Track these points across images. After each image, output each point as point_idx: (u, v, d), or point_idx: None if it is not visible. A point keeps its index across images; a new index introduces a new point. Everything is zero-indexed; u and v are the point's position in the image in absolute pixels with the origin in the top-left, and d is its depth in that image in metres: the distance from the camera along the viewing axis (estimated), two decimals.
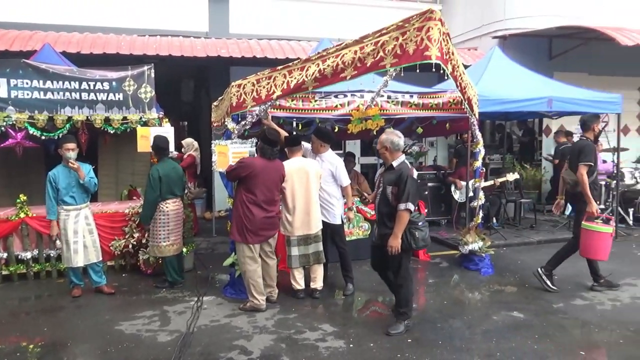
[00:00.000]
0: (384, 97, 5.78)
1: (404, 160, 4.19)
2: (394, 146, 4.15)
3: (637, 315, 4.60)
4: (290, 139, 5.22)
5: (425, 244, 4.22)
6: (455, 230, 7.64)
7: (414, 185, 4.05)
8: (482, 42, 10.83)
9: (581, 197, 5.24)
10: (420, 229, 4.10)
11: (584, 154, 5.21)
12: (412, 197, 4.00)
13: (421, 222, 4.14)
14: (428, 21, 3.99)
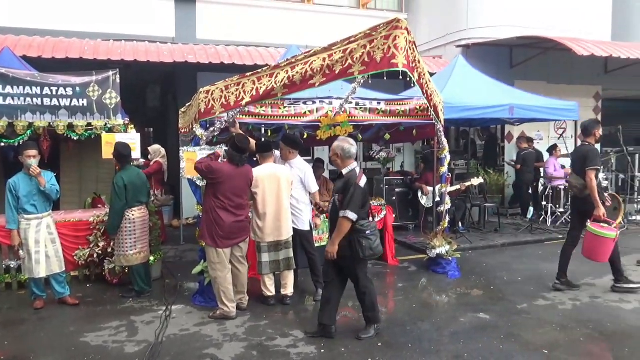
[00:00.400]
0: (352, 104, 5.86)
1: (354, 168, 4.11)
2: (345, 153, 4.09)
3: (596, 314, 4.79)
4: (261, 145, 5.23)
5: (373, 253, 4.06)
6: (422, 235, 7.77)
7: (358, 194, 3.95)
8: (447, 50, 11.11)
9: (588, 201, 5.34)
10: (367, 238, 3.99)
11: (589, 159, 5.32)
12: (354, 205, 3.91)
13: (369, 231, 4.02)
14: (395, 30, 4.08)
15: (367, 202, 4.13)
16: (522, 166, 9.79)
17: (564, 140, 9.64)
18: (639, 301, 5.12)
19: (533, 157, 9.81)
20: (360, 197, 3.97)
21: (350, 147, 4.11)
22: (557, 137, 10.30)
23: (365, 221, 4.04)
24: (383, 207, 6.86)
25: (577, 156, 5.61)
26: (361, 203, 3.99)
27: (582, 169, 5.38)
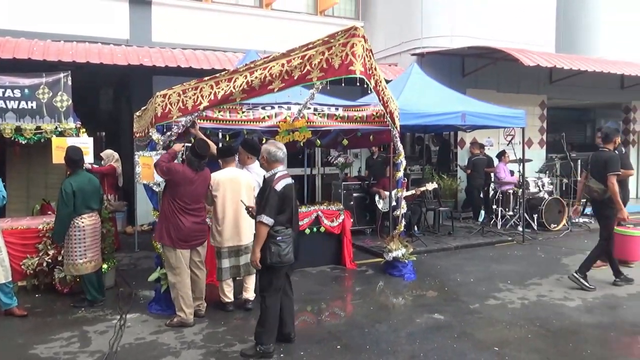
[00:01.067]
0: (310, 109, 5.92)
1: (277, 172, 3.98)
2: (271, 157, 4.01)
3: (542, 312, 5.03)
4: (223, 150, 5.19)
5: (280, 261, 3.86)
6: (379, 239, 7.91)
7: (273, 198, 3.82)
8: (402, 58, 11.38)
9: (609, 204, 5.59)
10: (277, 244, 3.84)
11: (610, 164, 5.57)
12: (269, 209, 3.80)
13: (280, 237, 3.85)
14: (352, 37, 4.17)
15: (287, 208, 3.93)
16: (472, 171, 10.15)
17: (513, 146, 10.06)
18: (581, 299, 5.42)
19: (484, 163, 10.19)
20: (277, 202, 3.84)
21: (277, 151, 4.02)
22: (506, 143, 10.73)
23: (281, 227, 3.88)
24: (341, 212, 6.95)
25: (597, 162, 5.82)
26: (278, 208, 3.85)
27: (602, 174, 5.62)
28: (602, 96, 13.20)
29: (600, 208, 5.83)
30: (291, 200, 3.97)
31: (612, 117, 15.22)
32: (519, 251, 7.90)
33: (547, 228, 9.30)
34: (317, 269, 6.76)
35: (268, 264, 3.89)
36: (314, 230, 6.74)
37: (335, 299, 5.70)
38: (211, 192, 4.90)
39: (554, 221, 9.41)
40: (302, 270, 6.60)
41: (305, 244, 6.59)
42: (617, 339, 4.34)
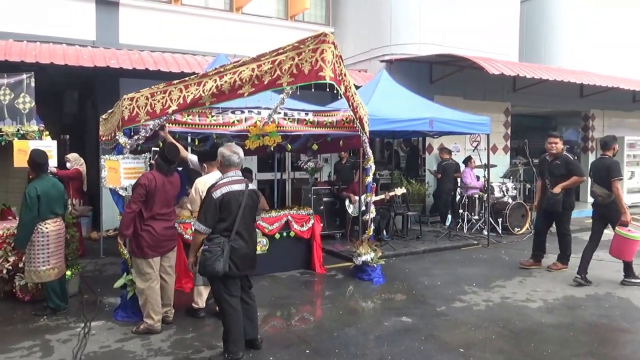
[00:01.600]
0: (280, 114, 5.93)
1: (225, 178, 3.89)
2: (225, 160, 3.95)
3: (506, 313, 5.17)
4: (207, 153, 5.13)
5: (204, 271, 3.75)
6: (349, 243, 7.97)
7: (208, 204, 3.74)
8: (372, 64, 11.53)
9: (613, 207, 6.02)
10: (203, 253, 3.73)
11: (613, 170, 6.01)
12: (203, 216, 3.73)
13: (207, 247, 3.73)
14: (322, 44, 4.22)
15: (228, 217, 3.78)
16: (442, 176, 10.37)
17: (478, 152, 10.31)
18: (543, 300, 5.60)
19: (453, 168, 10.42)
20: (213, 209, 3.73)
21: (231, 155, 3.93)
22: (472, 149, 10.99)
23: (215, 236, 3.75)
24: (311, 216, 6.98)
25: (599, 168, 6.23)
26: (215, 215, 3.74)
27: (605, 179, 6.06)
28: (562, 104, 13.70)
29: (605, 212, 6.19)
30: (235, 208, 3.80)
31: (572, 124, 15.85)
32: (484, 254, 8.10)
33: (511, 232, 9.57)
34: (287, 273, 6.76)
35: (196, 272, 3.89)
36: (283, 234, 6.74)
37: (305, 303, 5.71)
38: (201, 196, 4.63)
39: (517, 225, 9.69)
40: (271, 275, 6.60)
41: (274, 248, 6.64)
42: (576, 338, 4.50)
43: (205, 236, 3.78)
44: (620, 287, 6.06)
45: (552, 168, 6.71)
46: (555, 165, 6.68)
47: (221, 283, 3.86)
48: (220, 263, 3.70)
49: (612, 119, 14.85)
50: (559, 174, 6.61)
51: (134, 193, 4.50)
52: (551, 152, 6.78)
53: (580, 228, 10.44)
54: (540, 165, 7.07)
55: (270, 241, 6.61)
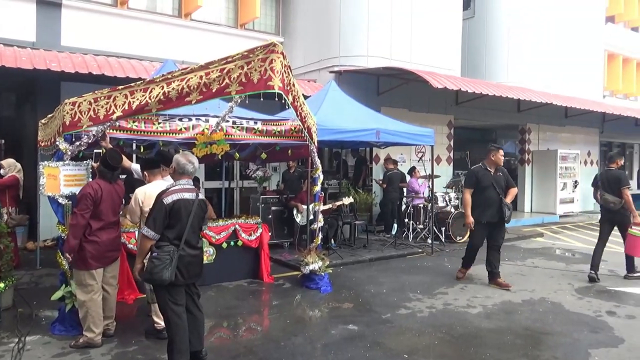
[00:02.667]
0: (229, 122, 5.91)
1: (176, 185, 3.84)
2: (179, 168, 3.90)
3: (448, 319, 5.36)
4: (149, 162, 4.91)
5: (150, 278, 3.67)
6: (297, 252, 7.99)
7: (158, 210, 3.68)
8: (321, 75, 11.68)
9: (623, 212, 6.94)
10: (151, 260, 3.66)
11: (623, 180, 6.95)
12: (152, 221, 3.67)
13: (156, 253, 3.65)
14: (271, 53, 4.25)
15: (177, 224, 3.73)
16: (387, 185, 10.61)
17: (423, 163, 10.65)
18: (482, 306, 5.84)
19: (398, 177, 10.68)
20: (162, 215, 3.68)
21: (186, 164, 3.88)
22: (417, 160, 11.34)
23: (165, 243, 3.70)
24: (259, 225, 6.95)
25: (610, 178, 7.10)
26: (164, 221, 3.69)
27: (614, 188, 6.95)
28: (501, 118, 14.41)
29: (615, 216, 7.07)
30: (185, 216, 3.76)
31: (511, 137, 16.66)
32: (428, 262, 8.35)
33: (454, 240, 9.91)
34: (234, 283, 6.69)
35: (142, 279, 3.81)
36: (231, 244, 6.68)
37: (252, 313, 5.67)
38: (141, 207, 4.48)
39: (459, 234, 10.06)
40: (218, 285, 6.51)
41: (222, 258, 6.56)
42: (512, 341, 4.73)
43: (153, 242, 3.71)
44: (553, 293, 6.41)
45: (498, 180, 6.65)
46: (499, 177, 6.68)
47: (167, 292, 3.78)
48: (167, 271, 3.64)
49: (547, 132, 15.77)
50: (504, 185, 6.71)
51: (80, 204, 4.32)
52: (499, 164, 6.73)
53: (518, 236, 11.02)
54: (482, 177, 6.63)
55: (217, 250, 6.53)
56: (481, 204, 6.62)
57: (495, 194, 6.54)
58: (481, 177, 6.63)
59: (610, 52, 19.55)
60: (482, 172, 6.68)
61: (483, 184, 6.59)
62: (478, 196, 6.63)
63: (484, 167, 6.71)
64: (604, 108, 14.32)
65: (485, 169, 6.70)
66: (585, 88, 16.53)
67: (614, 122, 16.78)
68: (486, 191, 6.58)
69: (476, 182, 6.64)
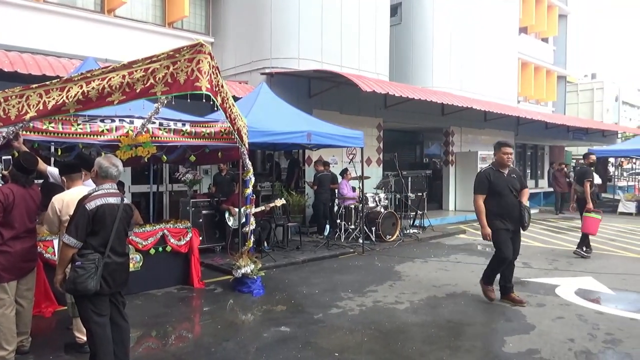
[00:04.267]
0: (155, 124, 5.73)
1: (98, 189, 3.67)
2: (102, 171, 3.74)
3: (377, 316, 5.51)
4: (68, 166, 4.59)
5: (74, 288, 3.47)
6: (229, 256, 7.87)
7: (83, 217, 3.50)
8: (252, 76, 11.61)
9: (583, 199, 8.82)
10: (74, 269, 3.47)
11: (585, 174, 8.86)
12: (74, 229, 3.49)
13: (79, 262, 3.46)
14: (198, 54, 4.18)
15: (102, 231, 3.57)
16: (318, 187, 10.73)
17: (354, 164, 10.86)
18: (409, 301, 6.06)
19: (328, 179, 10.82)
20: (85, 222, 3.50)
21: (110, 167, 3.73)
22: (348, 161, 11.55)
23: (89, 251, 3.52)
24: (189, 230, 6.79)
25: (579, 172, 9.32)
26: (87, 228, 3.52)
27: (581, 180, 8.88)
28: (427, 121, 15.02)
29: (580, 202, 9.01)
30: (109, 222, 3.60)
31: (436, 139, 17.42)
32: (360, 261, 8.53)
33: (384, 239, 10.20)
34: (163, 290, 6.48)
35: (64, 289, 3.62)
36: (159, 249, 6.47)
37: (182, 320, 5.52)
38: (59, 217, 4.15)
39: (389, 233, 10.37)
40: (146, 293, 6.28)
41: (149, 264, 6.35)
42: (436, 334, 4.95)
43: (75, 250, 3.50)
44: (473, 286, 6.75)
45: (513, 182, 5.83)
46: (514, 179, 5.86)
47: (90, 302, 3.58)
48: (93, 281, 3.46)
49: (468, 135, 16.64)
50: (519, 187, 5.90)
51: None
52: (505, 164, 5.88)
53: (442, 234, 11.54)
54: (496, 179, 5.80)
55: (144, 257, 6.30)
56: (500, 210, 5.75)
57: (513, 198, 5.75)
58: (494, 180, 5.79)
59: (524, 60, 21.02)
60: (495, 175, 5.83)
61: (497, 188, 5.75)
62: (494, 202, 5.76)
63: (495, 168, 5.90)
64: (518, 112, 15.37)
65: (497, 171, 5.87)
66: (502, 94, 17.67)
67: (527, 125, 18.03)
68: (503, 195, 5.75)
69: (489, 186, 5.78)
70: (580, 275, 7.39)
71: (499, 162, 5.90)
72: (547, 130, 19.56)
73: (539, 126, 18.38)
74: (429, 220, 12.18)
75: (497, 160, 5.96)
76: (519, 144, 19.91)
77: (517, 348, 4.53)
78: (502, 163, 5.86)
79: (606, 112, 38.31)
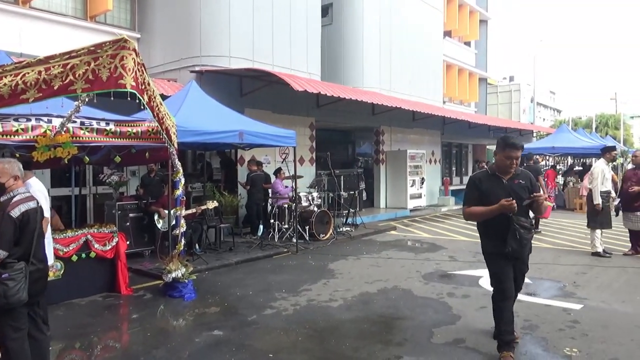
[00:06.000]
0: (76, 123, 5.42)
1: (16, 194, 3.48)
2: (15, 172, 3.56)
3: (312, 315, 5.55)
4: None
5: (6, 302, 3.25)
6: (159, 260, 7.61)
7: (9, 227, 3.30)
8: (181, 74, 11.27)
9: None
10: (3, 283, 3.23)
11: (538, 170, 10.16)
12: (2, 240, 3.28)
13: (7, 274, 3.25)
14: (122, 50, 3.99)
15: (25, 237, 3.38)
16: (251, 187, 10.63)
17: (287, 163, 10.87)
18: (343, 299, 6.16)
19: (261, 179, 10.76)
20: (12, 230, 3.30)
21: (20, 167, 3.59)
22: (281, 161, 11.54)
23: (13, 261, 3.31)
24: (114, 234, 6.49)
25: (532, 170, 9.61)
26: (14, 237, 3.32)
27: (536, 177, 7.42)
28: (358, 121, 15.34)
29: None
30: (32, 228, 3.41)
31: (368, 139, 17.81)
32: (294, 261, 8.56)
33: (317, 238, 10.29)
34: (88, 299, 6.16)
35: None
36: (82, 256, 6.14)
37: (109, 329, 5.27)
38: None
39: (322, 231, 10.47)
40: (68, 302, 5.95)
41: (72, 272, 6.02)
42: (369, 329, 5.07)
43: None
44: (404, 281, 7.00)
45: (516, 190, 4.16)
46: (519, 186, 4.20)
47: (9, 316, 3.33)
48: (24, 291, 3.27)
49: (398, 134, 17.18)
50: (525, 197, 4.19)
51: None
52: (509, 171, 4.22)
53: (374, 231, 11.83)
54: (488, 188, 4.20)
55: (65, 264, 5.95)
56: (494, 230, 4.20)
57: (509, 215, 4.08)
58: (487, 188, 4.20)
59: (448, 62, 22.02)
60: (489, 181, 4.25)
61: (490, 199, 4.10)
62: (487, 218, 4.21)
63: (491, 172, 4.28)
64: (444, 112, 16.09)
65: (492, 176, 4.26)
66: (429, 94, 18.41)
67: (452, 125, 18.91)
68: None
69: (479, 196, 4.23)
70: None
71: (498, 166, 4.26)
72: (470, 129, 20.61)
73: (463, 126, 19.33)
74: (361, 218, 12.44)
75: (496, 163, 4.29)
76: (444, 143, 20.81)
77: (445, 339, 4.75)
78: (502, 168, 4.22)
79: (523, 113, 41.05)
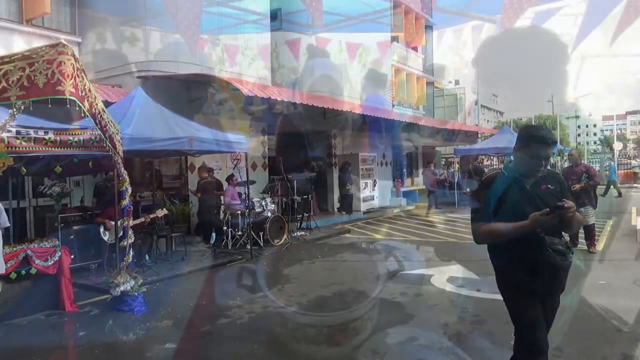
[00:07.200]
0: (11, 132, 5.13)
1: None
2: None
3: (267, 322, 5.49)
4: None
5: None
6: (106, 273, 7.30)
7: None
8: (126, 80, 10.92)
9: None
10: None
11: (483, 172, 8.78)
12: None
13: None
14: (60, 55, 3.83)
15: None
16: (202, 194, 10.42)
17: (239, 169, 10.73)
18: (299, 303, 6.13)
19: (213, 186, 10.56)
20: None
21: None
22: (233, 167, 11.38)
23: None
24: (57, 249, 6.16)
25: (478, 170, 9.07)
26: None
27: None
28: (311, 125, 15.34)
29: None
30: None
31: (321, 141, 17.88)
32: (248, 268, 8.44)
33: (272, 243, 10.20)
34: (29, 318, 5.80)
35: None
36: (22, 273, 5.78)
37: (52, 350, 4.99)
38: None
39: (276, 237, 10.39)
40: (7, 323, 5.58)
41: (10, 291, 5.68)
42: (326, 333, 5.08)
43: None
44: (358, 282, 7.05)
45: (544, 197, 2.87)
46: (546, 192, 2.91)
47: None
48: None
49: (349, 138, 17.33)
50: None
51: None
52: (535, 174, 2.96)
53: (328, 235, 11.88)
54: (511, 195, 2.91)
55: (3, 282, 5.58)
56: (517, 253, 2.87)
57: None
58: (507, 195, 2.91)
59: (397, 67, 22.47)
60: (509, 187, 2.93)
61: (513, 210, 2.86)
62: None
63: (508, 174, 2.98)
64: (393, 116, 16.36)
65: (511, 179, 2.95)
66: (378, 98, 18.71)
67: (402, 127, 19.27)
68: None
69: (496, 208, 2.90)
70: (451, 265, 8.06)
71: (520, 164, 2.96)
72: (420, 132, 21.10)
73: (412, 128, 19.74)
74: (315, 222, 12.45)
75: (517, 161, 2.98)
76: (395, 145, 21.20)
77: (399, 338, 4.81)
78: (525, 170, 2.94)
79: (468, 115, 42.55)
